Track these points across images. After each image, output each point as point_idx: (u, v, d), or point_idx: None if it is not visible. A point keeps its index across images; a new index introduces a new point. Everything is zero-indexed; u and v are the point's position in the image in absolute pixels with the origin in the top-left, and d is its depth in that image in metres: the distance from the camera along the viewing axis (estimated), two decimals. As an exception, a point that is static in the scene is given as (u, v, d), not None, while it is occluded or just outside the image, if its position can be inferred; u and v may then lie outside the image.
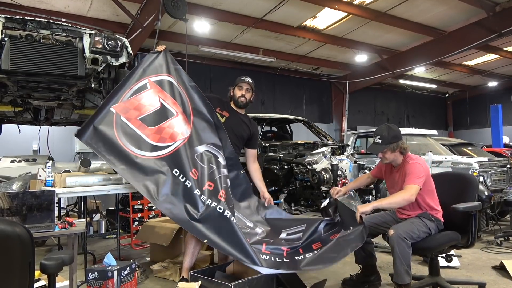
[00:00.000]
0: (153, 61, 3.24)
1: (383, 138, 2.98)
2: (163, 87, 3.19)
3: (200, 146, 3.11)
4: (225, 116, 3.38)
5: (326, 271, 3.73)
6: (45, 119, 5.08)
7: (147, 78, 3.17)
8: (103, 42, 3.74)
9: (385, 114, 15.56)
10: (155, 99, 3.13)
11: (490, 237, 4.88)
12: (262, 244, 2.90)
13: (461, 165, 5.41)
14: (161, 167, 2.99)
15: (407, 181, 2.83)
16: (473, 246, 2.93)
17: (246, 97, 3.42)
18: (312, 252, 2.83)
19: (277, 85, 12.62)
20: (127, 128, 3.04)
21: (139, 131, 3.05)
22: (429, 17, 8.74)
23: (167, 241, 3.86)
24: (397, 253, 2.61)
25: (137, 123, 3.06)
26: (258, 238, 2.98)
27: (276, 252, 2.84)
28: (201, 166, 3.04)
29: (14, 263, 1.41)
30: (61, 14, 7.31)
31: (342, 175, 4.63)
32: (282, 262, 2.76)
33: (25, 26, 3.54)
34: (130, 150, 2.99)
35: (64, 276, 3.21)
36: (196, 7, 7.54)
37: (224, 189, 2.99)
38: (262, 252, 2.81)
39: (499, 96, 15.24)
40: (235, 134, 3.40)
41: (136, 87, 3.13)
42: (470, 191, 2.98)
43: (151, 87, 3.15)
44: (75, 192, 3.61)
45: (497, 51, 10.97)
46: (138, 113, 3.08)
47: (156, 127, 3.08)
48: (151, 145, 3.04)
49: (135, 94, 3.11)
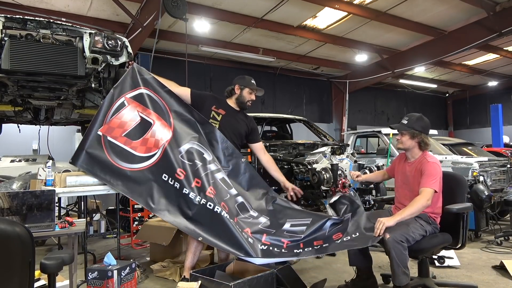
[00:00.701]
0: (125, 79, 3.35)
1: (409, 121, 2.91)
2: (139, 100, 3.30)
3: (183, 145, 3.16)
4: (221, 114, 3.37)
5: (326, 271, 3.74)
6: (45, 118, 5.08)
7: (123, 96, 3.30)
8: (103, 42, 3.74)
9: (385, 113, 15.57)
10: (134, 114, 3.26)
11: (490, 236, 4.88)
12: (263, 234, 2.92)
13: (461, 164, 5.41)
14: (151, 175, 3.13)
15: (424, 183, 2.74)
16: (464, 247, 2.89)
17: (252, 102, 3.45)
18: (312, 248, 2.83)
19: (277, 85, 12.62)
20: (115, 146, 3.19)
21: (125, 146, 3.20)
22: (429, 16, 8.74)
23: (167, 240, 3.86)
24: (394, 257, 2.54)
25: (122, 140, 3.20)
26: (260, 228, 2.99)
27: (276, 243, 2.86)
28: (188, 164, 3.10)
29: (14, 263, 1.41)
30: (61, 14, 7.31)
31: (342, 175, 4.61)
32: (280, 252, 2.79)
33: (25, 25, 3.53)
34: (121, 166, 3.16)
35: (64, 276, 3.21)
36: (196, 7, 7.54)
37: (212, 186, 3.02)
38: (262, 242, 2.85)
39: (499, 96, 15.25)
40: (232, 131, 3.39)
41: (115, 107, 3.26)
42: (460, 191, 2.94)
43: (129, 104, 3.28)
44: (75, 191, 3.60)
45: (497, 51, 10.98)
46: (122, 130, 3.22)
47: (140, 140, 3.21)
48: (139, 156, 3.18)
49: (116, 114, 3.24)
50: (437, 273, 3.55)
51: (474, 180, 4.80)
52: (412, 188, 2.88)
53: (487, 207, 4.73)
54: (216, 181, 3.09)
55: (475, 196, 4.64)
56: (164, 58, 9.81)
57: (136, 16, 7.37)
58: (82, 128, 6.43)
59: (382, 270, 3.68)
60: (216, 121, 3.37)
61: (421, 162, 2.87)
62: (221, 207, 2.90)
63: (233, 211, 3.02)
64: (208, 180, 3.04)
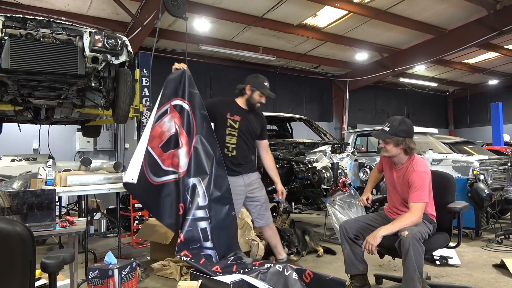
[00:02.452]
0: (175, 82, 3.18)
1: (391, 127, 2.76)
2: (180, 112, 3.17)
3: (192, 178, 3.11)
4: (238, 121, 3.31)
5: (327, 270, 3.74)
6: (46, 118, 5.08)
7: (169, 102, 3.15)
8: (103, 41, 3.74)
9: (386, 112, 15.55)
10: (172, 125, 3.14)
11: (491, 235, 4.88)
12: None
13: (462, 163, 5.40)
14: (165, 191, 3.10)
15: (413, 198, 2.65)
16: (459, 246, 2.86)
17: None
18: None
19: (278, 84, 12.60)
20: (151, 158, 3.06)
21: (157, 158, 3.09)
22: (430, 15, 8.72)
23: (167, 239, 3.86)
24: (411, 257, 2.36)
25: (158, 151, 3.09)
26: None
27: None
28: (189, 200, 3.08)
29: (15, 262, 1.41)
30: (61, 13, 7.29)
31: (343, 174, 4.62)
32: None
33: (25, 25, 3.53)
34: (151, 179, 3.05)
35: (65, 275, 3.22)
36: (196, 6, 7.53)
37: (183, 234, 2.99)
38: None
39: (499, 94, 15.23)
40: (250, 135, 3.38)
41: (160, 112, 3.13)
42: (450, 190, 2.90)
43: (171, 112, 3.14)
44: (76, 190, 3.62)
45: (498, 49, 10.95)
46: (160, 141, 3.11)
47: (168, 152, 3.12)
48: (163, 169, 3.10)
49: (159, 120, 3.12)
50: (437, 272, 3.56)
51: (475, 178, 4.80)
52: (402, 195, 2.84)
53: (487, 205, 4.73)
54: (195, 228, 3.04)
55: (476, 195, 4.64)
56: (164, 57, 9.80)
57: (136, 15, 7.36)
58: (82, 127, 6.44)
59: (382, 269, 3.68)
60: (234, 129, 3.30)
61: (408, 171, 2.76)
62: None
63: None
64: (185, 226, 3.01)
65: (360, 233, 2.83)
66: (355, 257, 2.82)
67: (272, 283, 2.72)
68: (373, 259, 3.26)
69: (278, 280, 2.74)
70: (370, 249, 2.54)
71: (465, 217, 4.00)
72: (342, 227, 2.89)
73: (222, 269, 2.88)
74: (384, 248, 2.76)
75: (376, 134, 2.91)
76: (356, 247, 2.81)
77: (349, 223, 2.94)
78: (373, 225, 2.86)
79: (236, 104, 3.39)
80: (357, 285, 2.85)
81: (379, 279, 3.27)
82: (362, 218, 3.07)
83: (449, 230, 2.83)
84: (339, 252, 4.06)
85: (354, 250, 2.81)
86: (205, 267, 2.85)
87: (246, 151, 3.39)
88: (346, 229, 2.86)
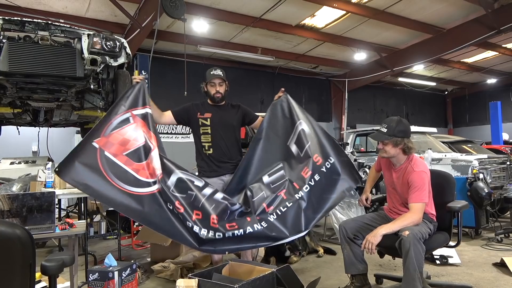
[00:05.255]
0: (133, 93, 3.02)
1: (389, 128, 2.76)
2: (145, 120, 3.00)
3: (171, 176, 2.89)
4: (208, 117, 3.27)
5: (328, 270, 3.74)
6: (45, 120, 5.08)
7: (130, 111, 2.97)
8: (102, 43, 3.74)
9: (385, 112, 15.57)
10: (138, 134, 2.92)
11: (491, 234, 4.89)
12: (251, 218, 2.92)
13: (461, 162, 5.41)
14: (156, 202, 2.81)
15: (412, 198, 2.65)
16: (459, 245, 2.87)
17: (221, 92, 3.28)
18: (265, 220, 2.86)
19: (276, 84, 12.59)
20: (114, 164, 2.81)
21: (127, 167, 2.83)
22: (428, 14, 8.74)
23: (167, 241, 3.86)
24: (412, 257, 2.36)
25: (123, 159, 2.84)
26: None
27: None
28: (181, 196, 2.85)
29: (14, 265, 1.41)
30: (59, 15, 7.30)
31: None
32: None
33: (23, 27, 3.54)
34: (122, 187, 2.77)
35: (65, 277, 3.21)
36: (194, 7, 7.53)
37: (215, 214, 2.84)
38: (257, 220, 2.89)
39: (498, 93, 15.25)
40: (224, 128, 3.28)
41: (118, 120, 2.91)
42: (449, 189, 2.90)
43: (135, 121, 2.94)
44: (75, 193, 3.61)
45: (496, 48, 10.97)
46: (124, 149, 2.86)
47: (143, 163, 2.87)
48: (142, 181, 2.82)
49: (118, 128, 2.89)
50: (437, 271, 3.56)
51: (474, 177, 4.80)
52: (402, 195, 2.84)
53: (487, 204, 4.73)
54: (217, 204, 2.90)
55: (475, 194, 4.65)
56: (162, 59, 9.80)
57: (134, 17, 7.36)
58: (82, 129, 6.44)
59: (383, 269, 3.68)
60: (206, 126, 3.26)
61: (408, 171, 2.75)
62: (230, 232, 2.81)
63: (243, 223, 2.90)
64: (209, 207, 2.85)
65: (360, 233, 2.82)
66: (355, 257, 2.82)
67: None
68: (373, 258, 3.27)
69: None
70: (370, 247, 2.54)
71: (465, 216, 4.02)
72: (341, 227, 2.90)
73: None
74: (384, 248, 2.77)
75: (374, 135, 2.91)
76: (356, 247, 2.81)
77: (349, 223, 2.95)
78: (373, 225, 2.85)
79: (206, 103, 3.37)
80: (357, 285, 2.84)
81: (380, 278, 3.27)
82: (361, 218, 3.07)
83: (449, 229, 2.83)
84: (339, 252, 4.06)
85: (354, 250, 2.81)
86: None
87: (225, 148, 3.27)
88: (345, 229, 2.86)
